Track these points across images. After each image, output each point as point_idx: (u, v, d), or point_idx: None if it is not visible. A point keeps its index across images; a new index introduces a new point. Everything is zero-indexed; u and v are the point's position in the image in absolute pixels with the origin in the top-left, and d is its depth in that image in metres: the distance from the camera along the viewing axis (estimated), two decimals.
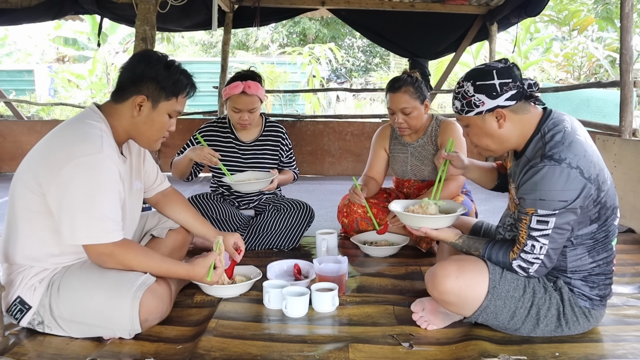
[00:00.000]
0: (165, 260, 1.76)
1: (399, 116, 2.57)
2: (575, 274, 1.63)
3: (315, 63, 11.65)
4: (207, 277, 1.85)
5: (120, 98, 1.71)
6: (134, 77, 1.69)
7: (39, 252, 1.65)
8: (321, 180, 5.58)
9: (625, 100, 3.29)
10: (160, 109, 1.71)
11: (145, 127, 1.72)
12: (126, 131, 1.74)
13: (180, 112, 1.79)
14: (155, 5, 3.50)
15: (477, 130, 1.65)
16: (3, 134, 5.96)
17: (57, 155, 1.58)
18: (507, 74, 1.57)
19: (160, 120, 1.73)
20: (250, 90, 2.58)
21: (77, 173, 1.54)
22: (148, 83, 1.68)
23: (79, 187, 1.54)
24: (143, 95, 1.68)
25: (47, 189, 1.57)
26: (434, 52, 5.89)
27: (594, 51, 9.86)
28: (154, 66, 1.69)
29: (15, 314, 1.66)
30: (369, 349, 1.61)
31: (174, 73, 1.71)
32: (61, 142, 1.62)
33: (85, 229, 1.55)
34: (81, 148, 1.57)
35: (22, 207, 1.63)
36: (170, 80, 1.70)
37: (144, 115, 1.70)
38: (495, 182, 1.97)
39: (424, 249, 2.62)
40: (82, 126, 1.64)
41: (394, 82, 2.58)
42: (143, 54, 1.78)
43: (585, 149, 1.53)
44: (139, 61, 1.71)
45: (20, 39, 14.39)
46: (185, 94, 1.77)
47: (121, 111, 1.71)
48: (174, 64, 1.73)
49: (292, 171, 2.90)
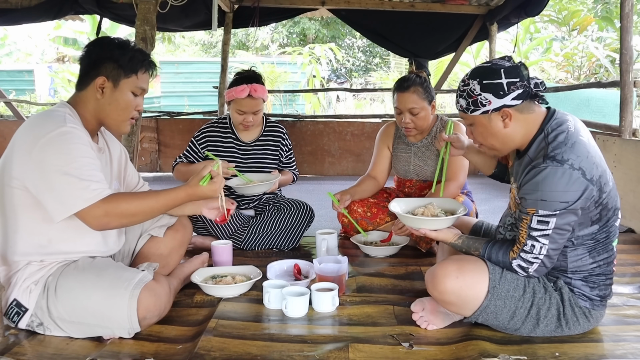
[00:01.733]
0: (160, 194, 1.70)
1: (407, 116, 2.55)
2: (575, 274, 1.63)
3: (315, 63, 11.65)
4: (202, 183, 1.72)
5: (83, 85, 1.74)
6: (91, 62, 1.72)
7: (28, 244, 1.65)
8: (321, 180, 5.58)
9: (625, 100, 3.29)
10: (122, 88, 1.73)
11: (110, 107, 1.74)
12: (93, 116, 1.75)
13: (144, 89, 1.80)
14: (155, 5, 3.50)
15: (482, 130, 1.65)
16: (3, 134, 5.96)
17: (24, 142, 1.60)
18: (514, 72, 1.56)
19: (125, 99, 1.75)
20: (256, 94, 2.60)
21: (47, 149, 1.56)
22: (106, 64, 1.71)
23: (51, 162, 1.55)
24: (103, 77, 1.71)
25: (25, 177, 1.58)
26: (434, 52, 5.89)
27: (594, 51, 9.85)
28: (108, 47, 1.73)
29: (13, 316, 1.66)
30: (369, 349, 1.61)
31: (128, 51, 1.74)
32: (26, 131, 1.64)
33: (71, 197, 1.54)
34: (45, 127, 1.59)
35: (6, 204, 1.65)
36: (126, 58, 1.72)
37: (108, 96, 1.73)
38: (493, 169, 1.99)
39: (424, 249, 2.62)
40: (44, 113, 1.68)
41: (403, 82, 2.56)
42: (96, 40, 1.82)
43: (588, 150, 1.52)
44: (94, 46, 1.76)
45: (20, 39, 14.40)
46: (144, 69, 1.78)
47: (85, 97, 1.74)
48: (128, 42, 1.77)
49: (291, 172, 2.90)
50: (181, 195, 1.72)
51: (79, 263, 1.70)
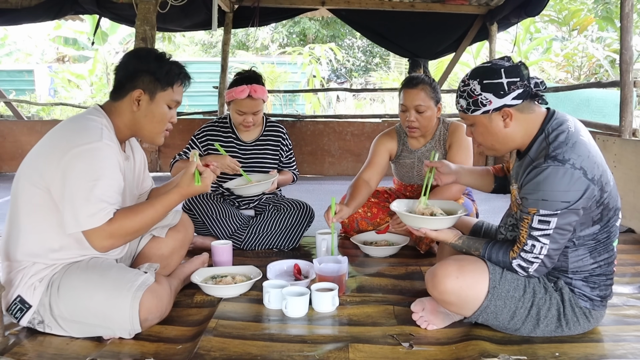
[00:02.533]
0: (157, 202, 1.71)
1: (412, 114, 2.52)
2: (576, 275, 1.63)
3: (315, 63, 11.65)
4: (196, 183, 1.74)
5: (119, 96, 1.75)
6: (128, 74, 1.73)
7: (39, 247, 1.66)
8: (321, 180, 5.58)
9: (625, 100, 3.29)
10: (158, 100, 1.75)
11: (146, 120, 1.76)
12: (128, 127, 1.77)
13: (178, 102, 1.82)
14: (155, 5, 3.50)
15: (482, 130, 1.65)
16: (3, 134, 5.96)
17: (57, 147, 1.61)
18: (515, 72, 1.56)
19: (160, 111, 1.76)
20: (256, 95, 2.60)
21: (77, 161, 1.57)
22: (142, 77, 1.72)
23: (78, 175, 1.56)
24: (140, 89, 1.72)
25: (51, 181, 1.59)
26: (434, 52, 5.89)
27: (594, 51, 9.85)
28: (146, 60, 1.74)
29: (15, 313, 1.66)
30: (369, 349, 1.61)
31: (165, 64, 1.76)
32: (61, 135, 1.66)
33: (85, 214, 1.55)
34: (80, 137, 1.60)
35: (24, 202, 1.65)
36: (163, 71, 1.74)
37: (143, 109, 1.74)
38: (492, 186, 1.96)
39: (423, 250, 2.61)
40: (82, 120, 1.69)
41: (411, 79, 2.55)
42: (133, 51, 1.83)
43: (589, 150, 1.53)
44: (131, 58, 1.77)
45: (20, 39, 14.38)
46: (180, 82, 1.80)
47: (121, 108, 1.75)
48: (164, 55, 1.78)
49: (291, 172, 2.90)
50: (175, 197, 1.74)
51: (82, 262, 1.71)
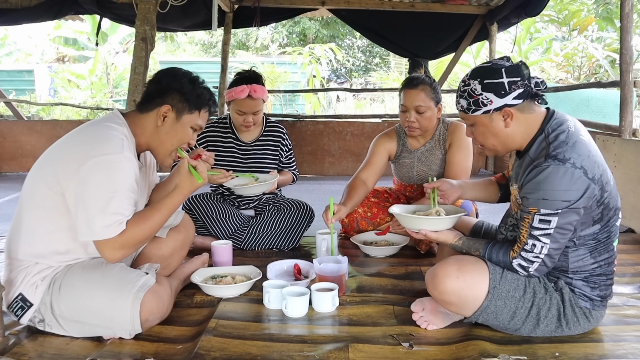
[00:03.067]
0: (161, 206, 1.73)
1: (412, 114, 2.52)
2: (576, 275, 1.63)
3: (315, 63, 11.65)
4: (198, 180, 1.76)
5: (146, 109, 1.77)
6: (160, 89, 1.76)
7: (45, 249, 1.66)
8: (321, 180, 5.58)
9: (625, 100, 3.29)
10: (183, 121, 1.78)
11: (167, 137, 1.77)
12: (147, 141, 1.79)
13: (201, 127, 1.84)
14: (155, 5, 3.50)
15: (483, 130, 1.65)
16: (3, 134, 5.96)
17: (77, 153, 1.62)
18: (515, 72, 1.56)
19: (183, 131, 1.79)
20: (256, 94, 2.60)
21: (96, 171, 1.57)
22: (173, 94, 1.75)
23: (95, 185, 1.57)
24: (168, 105, 1.74)
25: (66, 186, 1.60)
26: (434, 52, 5.89)
27: (594, 51, 9.85)
28: (180, 79, 1.77)
29: (17, 310, 1.66)
30: (369, 349, 1.61)
31: (198, 87, 1.79)
32: (82, 141, 1.67)
33: (100, 224, 1.56)
34: (102, 147, 1.61)
35: (36, 204, 1.64)
36: (194, 94, 1.77)
37: (168, 125, 1.76)
38: (498, 195, 1.95)
39: (423, 250, 2.61)
40: (104, 128, 1.68)
41: (412, 79, 2.55)
42: (169, 69, 1.85)
43: (589, 150, 1.53)
44: (165, 75, 1.80)
45: (20, 39, 14.39)
46: (207, 109, 1.83)
47: (145, 121, 1.77)
48: (198, 79, 1.81)
49: (291, 172, 2.90)
50: (179, 198, 1.77)
51: (85, 262, 1.71)
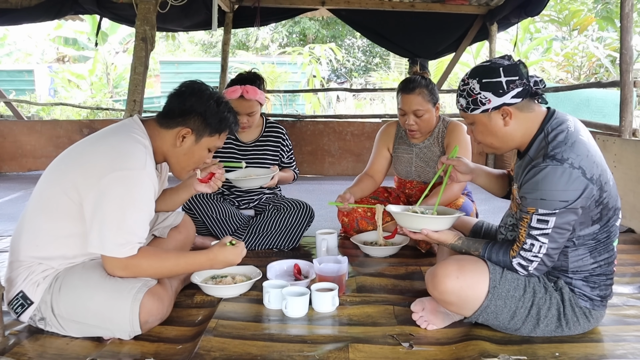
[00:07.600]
0: (181, 257, 1.73)
1: (411, 118, 2.52)
2: (576, 274, 1.63)
3: (315, 63, 11.65)
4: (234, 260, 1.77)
5: (166, 125, 1.75)
6: (183, 109, 1.73)
7: (54, 252, 1.65)
8: (321, 180, 5.58)
9: (625, 100, 3.29)
10: (202, 144, 1.77)
11: (184, 157, 1.77)
12: (164, 155, 1.78)
13: (219, 147, 1.84)
14: (155, 5, 3.50)
15: (482, 128, 1.65)
16: (3, 134, 5.96)
17: (99, 163, 1.60)
18: (513, 71, 1.56)
19: (200, 153, 1.79)
20: (249, 95, 2.58)
21: (116, 185, 1.56)
22: (195, 117, 1.73)
23: (114, 199, 1.56)
24: (188, 128, 1.72)
25: (85, 196, 1.58)
26: (434, 52, 5.89)
27: (594, 51, 9.85)
28: (205, 102, 1.73)
29: (17, 308, 1.66)
30: (369, 349, 1.61)
31: (223, 111, 1.76)
32: (105, 151, 1.63)
33: (113, 241, 1.56)
34: (125, 161, 1.60)
35: (50, 208, 1.63)
36: (217, 118, 1.75)
37: (186, 147, 1.75)
38: (507, 190, 1.93)
39: (424, 249, 2.62)
40: (128, 139, 1.66)
41: (408, 83, 2.52)
42: (196, 87, 1.79)
43: (588, 149, 1.53)
44: (191, 94, 1.75)
45: (20, 39, 14.40)
46: (229, 131, 1.82)
47: (165, 137, 1.75)
48: (224, 101, 1.78)
49: (292, 171, 2.90)
50: (202, 259, 1.75)
51: (86, 262, 1.70)
